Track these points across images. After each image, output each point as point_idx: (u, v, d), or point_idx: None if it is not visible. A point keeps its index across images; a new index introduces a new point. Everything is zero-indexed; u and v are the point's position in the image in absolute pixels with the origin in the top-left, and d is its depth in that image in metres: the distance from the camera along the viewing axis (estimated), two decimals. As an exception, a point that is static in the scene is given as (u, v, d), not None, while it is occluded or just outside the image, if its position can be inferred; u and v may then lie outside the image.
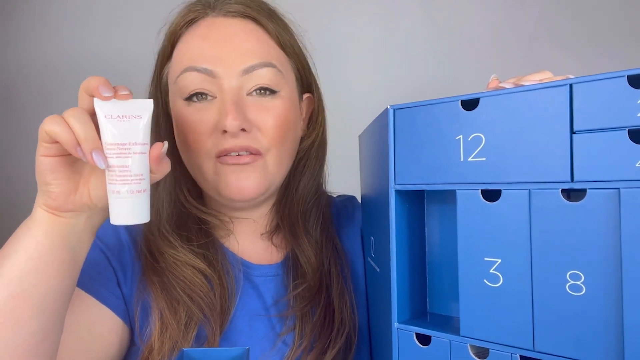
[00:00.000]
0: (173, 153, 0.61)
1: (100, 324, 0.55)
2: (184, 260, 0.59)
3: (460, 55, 1.30)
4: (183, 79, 0.57)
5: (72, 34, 1.39)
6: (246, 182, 0.58)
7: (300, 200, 0.67)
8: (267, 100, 0.58)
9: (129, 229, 0.63)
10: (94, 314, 0.55)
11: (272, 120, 0.58)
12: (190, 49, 0.58)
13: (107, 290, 0.57)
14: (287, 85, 0.61)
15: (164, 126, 0.63)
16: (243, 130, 0.56)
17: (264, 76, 0.57)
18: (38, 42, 1.40)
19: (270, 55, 0.59)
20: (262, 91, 0.58)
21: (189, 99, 0.58)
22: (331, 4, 1.30)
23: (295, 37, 0.65)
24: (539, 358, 0.36)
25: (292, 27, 0.65)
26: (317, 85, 0.69)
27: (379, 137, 0.49)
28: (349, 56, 1.31)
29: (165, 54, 0.63)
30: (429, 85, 1.29)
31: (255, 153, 0.58)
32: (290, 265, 0.64)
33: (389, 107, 0.44)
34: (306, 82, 0.67)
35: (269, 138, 0.58)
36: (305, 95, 0.67)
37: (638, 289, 0.32)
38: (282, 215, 0.66)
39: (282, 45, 0.61)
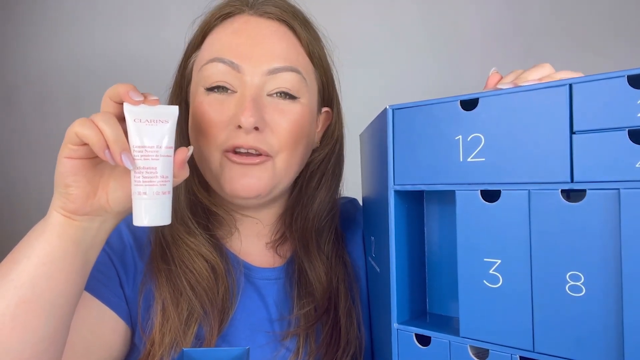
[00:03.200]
0: (187, 142, 0.62)
1: (102, 325, 0.56)
2: (196, 250, 0.59)
3: (460, 55, 1.30)
4: (208, 68, 0.58)
5: (73, 34, 1.39)
6: (252, 180, 0.58)
7: (315, 217, 0.66)
8: (286, 104, 0.58)
9: (132, 230, 0.63)
10: (96, 315, 0.55)
11: (287, 124, 0.58)
12: (220, 40, 0.59)
13: (110, 292, 0.57)
14: (309, 94, 0.61)
15: (184, 114, 0.63)
16: (256, 128, 0.56)
17: (287, 80, 0.58)
18: (38, 43, 1.40)
19: (298, 62, 0.59)
20: (283, 95, 0.58)
21: (211, 89, 0.58)
22: (331, 4, 1.30)
23: (325, 51, 0.65)
24: (538, 359, 0.36)
25: (323, 40, 0.66)
26: (338, 101, 0.69)
27: (378, 137, 0.49)
28: (349, 56, 1.31)
29: (196, 43, 0.63)
30: (429, 85, 1.29)
31: (264, 155, 0.58)
32: (295, 274, 0.64)
33: (387, 107, 0.44)
34: (327, 96, 0.67)
35: (281, 140, 0.58)
36: (324, 109, 0.67)
37: (638, 290, 0.32)
38: (292, 229, 0.66)
39: (311, 55, 0.62)
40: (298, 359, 0.59)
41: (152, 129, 0.46)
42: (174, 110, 0.48)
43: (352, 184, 0.74)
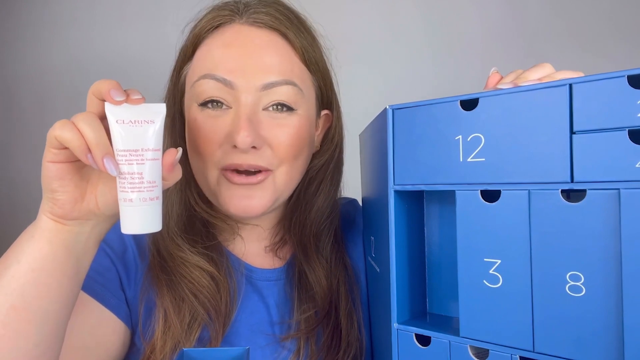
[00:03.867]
0: (185, 154, 0.61)
1: (102, 327, 0.55)
2: (192, 262, 0.59)
3: (460, 55, 1.30)
4: (200, 85, 0.56)
5: (72, 33, 1.39)
6: (253, 201, 0.57)
7: (313, 222, 0.66)
8: (283, 117, 0.57)
9: None
10: (96, 317, 0.55)
11: (286, 138, 0.57)
12: (212, 55, 0.57)
13: (110, 293, 0.57)
14: (306, 104, 0.59)
15: (179, 126, 0.62)
16: (254, 147, 0.55)
17: (283, 93, 0.56)
18: (38, 42, 1.40)
19: (293, 72, 0.57)
20: (279, 107, 0.57)
21: (204, 104, 0.56)
22: (331, 4, 1.30)
23: (322, 52, 0.63)
24: (538, 359, 0.36)
25: (320, 40, 0.63)
26: (337, 103, 0.67)
27: (378, 137, 0.49)
28: (349, 56, 1.31)
29: (187, 55, 0.61)
30: (429, 85, 1.29)
31: (264, 171, 0.57)
32: (295, 275, 0.63)
33: (387, 107, 0.44)
34: (326, 100, 0.65)
35: (280, 155, 0.57)
36: (324, 112, 0.66)
37: (638, 290, 0.32)
38: (291, 233, 0.66)
39: (307, 62, 0.60)
40: (298, 353, 0.59)
41: (136, 131, 0.42)
42: (161, 108, 0.44)
43: (352, 185, 0.74)
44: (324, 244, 0.66)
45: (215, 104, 0.56)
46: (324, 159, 0.66)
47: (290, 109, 0.57)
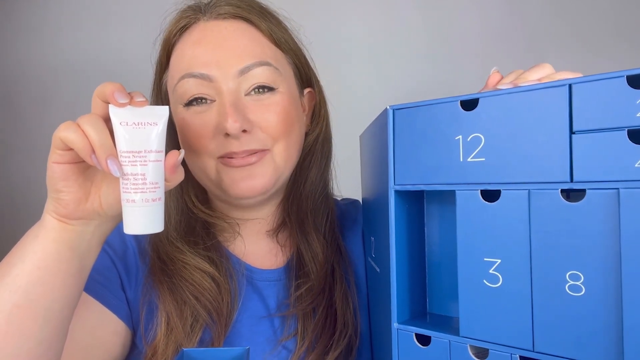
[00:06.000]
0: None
1: (103, 328, 0.55)
2: (193, 264, 0.59)
3: (460, 55, 1.30)
4: (181, 86, 0.57)
5: (71, 34, 1.39)
6: (255, 181, 0.58)
7: (309, 196, 0.67)
8: (266, 98, 0.58)
9: None
10: (97, 318, 0.55)
11: (274, 117, 0.58)
12: (185, 55, 0.58)
13: (111, 294, 0.57)
14: (286, 82, 0.60)
15: (168, 134, 0.63)
16: (244, 131, 0.56)
17: (260, 75, 0.57)
18: (37, 43, 1.40)
19: (265, 53, 0.59)
20: (261, 90, 0.58)
21: (189, 104, 0.58)
22: (331, 4, 1.30)
23: (290, 33, 0.65)
24: (538, 358, 0.36)
25: (286, 22, 0.65)
26: (317, 79, 0.69)
27: (378, 137, 0.49)
28: (349, 56, 1.31)
29: (163, 63, 0.63)
30: (429, 86, 1.29)
31: (260, 151, 0.58)
32: (294, 267, 0.64)
33: (388, 107, 0.44)
34: (306, 77, 0.66)
35: (273, 135, 0.58)
36: (307, 90, 0.67)
37: (638, 289, 0.32)
38: (289, 212, 0.66)
39: (277, 42, 0.61)
40: (296, 348, 0.59)
41: (139, 133, 0.43)
42: (164, 111, 0.45)
43: (352, 185, 0.74)
44: (321, 221, 0.67)
45: (199, 100, 0.57)
46: (315, 134, 0.68)
47: (270, 89, 0.58)
